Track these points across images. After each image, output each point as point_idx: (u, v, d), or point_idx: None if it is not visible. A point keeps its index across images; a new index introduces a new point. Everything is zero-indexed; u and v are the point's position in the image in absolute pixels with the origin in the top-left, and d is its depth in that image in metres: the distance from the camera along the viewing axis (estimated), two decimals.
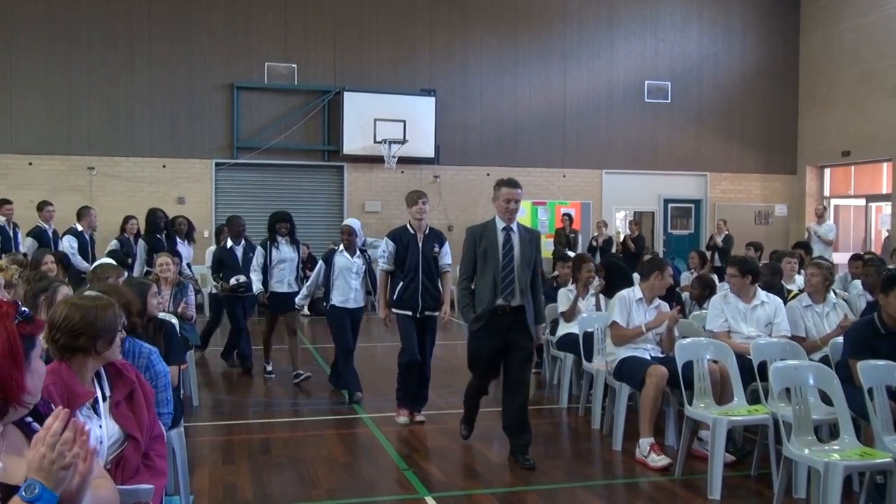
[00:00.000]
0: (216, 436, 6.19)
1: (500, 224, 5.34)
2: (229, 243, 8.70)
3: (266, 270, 7.91)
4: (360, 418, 6.60)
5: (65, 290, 4.21)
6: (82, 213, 10.30)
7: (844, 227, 16.95)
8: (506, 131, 15.83)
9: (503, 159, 15.66)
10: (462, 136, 15.59)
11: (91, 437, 2.05)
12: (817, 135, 16.74)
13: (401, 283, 6.30)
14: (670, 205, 17.07)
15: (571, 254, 10.13)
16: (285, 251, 8.01)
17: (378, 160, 14.71)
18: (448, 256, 6.51)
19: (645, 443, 5.29)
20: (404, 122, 14.69)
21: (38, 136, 13.79)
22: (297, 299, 7.80)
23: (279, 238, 7.97)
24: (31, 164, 13.75)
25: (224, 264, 8.61)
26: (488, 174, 15.68)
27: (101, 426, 2.74)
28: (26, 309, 1.94)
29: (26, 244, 10.05)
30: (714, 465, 4.70)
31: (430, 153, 15.16)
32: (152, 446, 2.88)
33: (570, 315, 7.13)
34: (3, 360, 1.83)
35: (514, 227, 5.38)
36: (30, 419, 2.01)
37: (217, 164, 14.55)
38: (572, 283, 7.42)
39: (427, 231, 6.41)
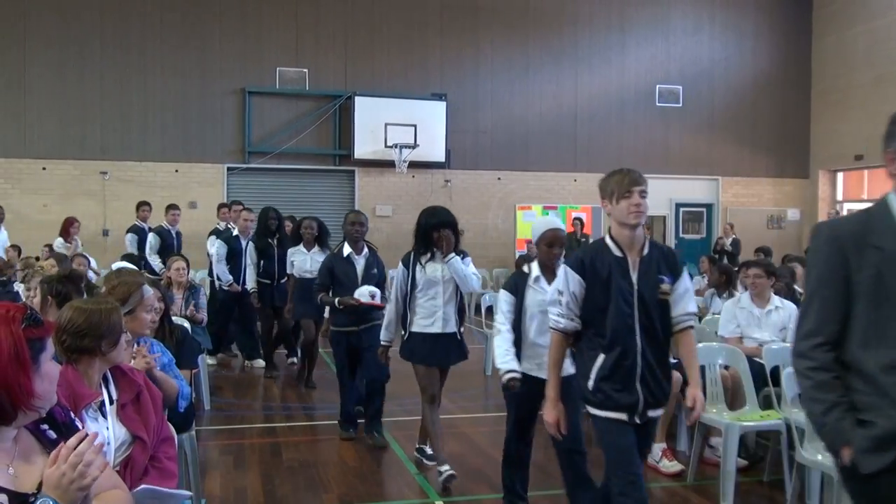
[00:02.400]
0: (228, 440, 6.20)
1: None
2: (346, 250, 6.25)
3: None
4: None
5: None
6: (165, 210, 10.47)
7: None
8: (517, 135, 15.82)
9: (514, 163, 15.67)
10: (473, 140, 15.59)
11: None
12: (830, 139, 16.65)
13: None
14: (682, 209, 17.01)
15: None
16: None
17: (389, 164, 14.73)
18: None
19: (657, 448, 5.26)
20: (415, 126, 14.71)
21: (52, 141, 13.88)
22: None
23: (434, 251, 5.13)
24: (44, 168, 13.84)
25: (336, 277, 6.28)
26: (499, 178, 15.69)
27: (107, 428, 2.76)
28: (34, 312, 1.93)
29: (126, 241, 10.24)
30: (726, 470, 4.67)
31: (441, 157, 15.17)
32: (161, 448, 2.90)
33: None
34: (8, 364, 1.81)
35: None
36: (45, 426, 1.99)
37: (229, 169, 14.60)
38: None
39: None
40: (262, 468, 5.39)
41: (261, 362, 8.90)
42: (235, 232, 9.16)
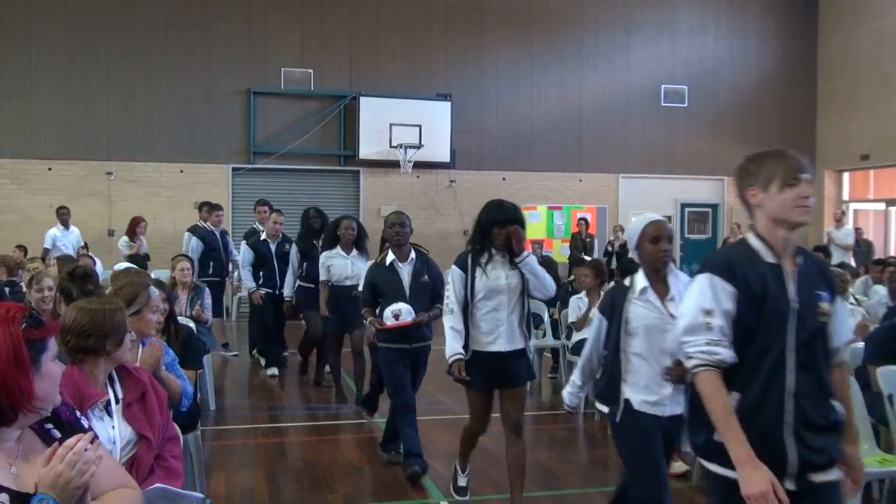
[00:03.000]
0: (232, 440, 6.21)
1: None
2: (389, 257, 5.51)
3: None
4: (376, 423, 6.59)
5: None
6: (209, 211, 9.99)
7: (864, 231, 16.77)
8: (522, 136, 15.81)
9: (519, 164, 15.66)
10: (478, 140, 15.59)
11: (103, 440, 2.06)
12: (836, 139, 16.60)
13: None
14: (687, 209, 16.98)
15: (587, 258, 10.09)
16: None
17: (394, 165, 14.73)
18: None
19: None
20: (420, 126, 14.70)
21: (58, 142, 13.91)
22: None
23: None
24: (50, 168, 13.87)
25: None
26: (504, 178, 15.67)
27: (113, 427, 2.78)
28: (35, 312, 1.92)
29: (191, 245, 9.55)
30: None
31: (446, 158, 15.17)
32: (167, 447, 2.91)
33: (581, 324, 7.03)
34: (6, 365, 1.79)
35: None
36: (50, 426, 1.99)
37: (234, 169, 14.62)
38: (585, 293, 7.22)
39: None
40: (267, 468, 5.40)
41: (275, 370, 8.57)
42: (263, 235, 8.75)
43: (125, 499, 2.09)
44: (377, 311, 5.32)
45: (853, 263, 11.95)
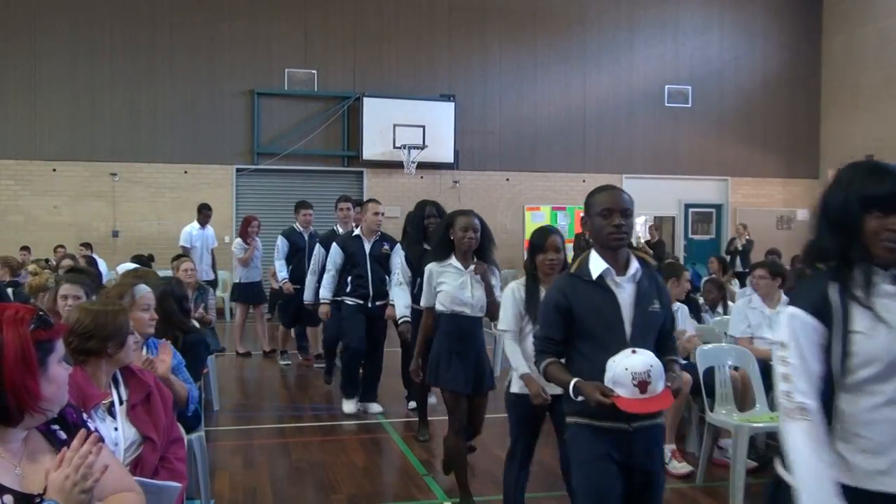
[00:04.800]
0: (236, 440, 6.22)
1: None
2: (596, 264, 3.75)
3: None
4: (380, 423, 6.59)
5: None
6: (296, 209, 9.29)
7: None
8: (525, 136, 15.81)
9: (523, 164, 15.67)
10: (481, 141, 15.59)
11: (106, 441, 2.06)
12: (840, 139, 16.57)
13: None
14: (691, 210, 16.96)
15: None
16: None
17: (398, 165, 14.74)
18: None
19: (666, 449, 5.25)
20: (424, 127, 14.71)
21: (62, 143, 13.94)
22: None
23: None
24: (54, 170, 13.90)
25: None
26: (507, 179, 15.68)
27: (116, 428, 2.78)
28: (44, 313, 1.91)
29: (277, 245, 9.06)
30: (736, 472, 4.66)
31: (450, 158, 15.18)
32: (171, 449, 2.91)
33: None
34: (15, 366, 1.79)
35: None
36: (56, 427, 1.98)
37: (238, 170, 14.64)
38: None
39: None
40: (271, 468, 5.41)
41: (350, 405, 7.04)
42: (357, 231, 7.01)
43: (132, 502, 2.09)
44: (572, 365, 2.94)
45: None
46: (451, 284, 4.63)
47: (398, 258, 6.31)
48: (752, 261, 11.59)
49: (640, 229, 16.68)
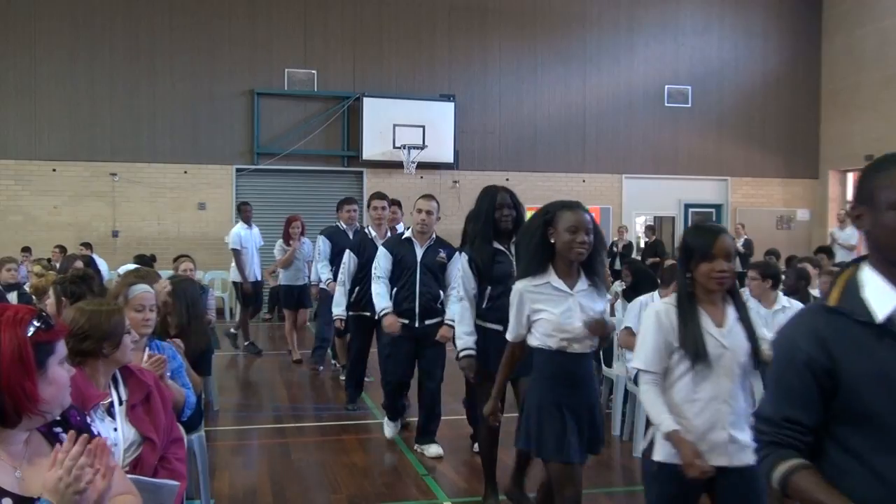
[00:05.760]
0: (237, 440, 6.22)
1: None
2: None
3: None
4: (381, 424, 6.60)
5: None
6: (339, 206, 8.66)
7: None
8: (525, 136, 15.81)
9: (522, 164, 15.67)
10: (481, 141, 15.59)
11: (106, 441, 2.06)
12: (840, 139, 16.58)
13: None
14: (691, 210, 16.96)
15: None
16: None
17: (397, 165, 14.74)
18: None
19: None
20: (423, 127, 14.72)
21: (62, 143, 13.94)
22: None
23: None
24: (54, 170, 13.90)
25: None
26: (507, 179, 15.63)
27: (115, 429, 2.78)
28: (45, 315, 1.90)
29: (318, 245, 8.24)
30: None
31: (450, 158, 15.18)
32: (171, 449, 2.91)
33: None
34: (10, 367, 1.78)
35: None
36: (59, 429, 1.97)
37: (238, 170, 14.63)
38: None
39: None
40: (271, 468, 5.41)
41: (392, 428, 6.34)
42: (408, 233, 5.88)
43: None
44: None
45: None
46: (554, 312, 3.37)
47: (456, 268, 4.98)
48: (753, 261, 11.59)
49: (640, 230, 16.68)
